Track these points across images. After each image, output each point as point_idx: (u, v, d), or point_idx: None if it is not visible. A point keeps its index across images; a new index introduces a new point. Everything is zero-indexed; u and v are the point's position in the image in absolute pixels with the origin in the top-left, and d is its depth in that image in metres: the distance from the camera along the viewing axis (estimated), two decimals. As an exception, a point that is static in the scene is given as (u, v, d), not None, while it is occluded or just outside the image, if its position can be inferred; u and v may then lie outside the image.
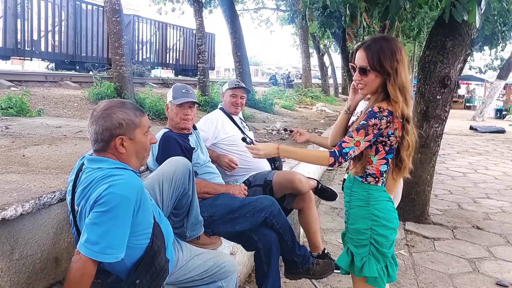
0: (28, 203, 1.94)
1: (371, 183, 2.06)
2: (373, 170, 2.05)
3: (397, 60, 1.97)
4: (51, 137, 3.78)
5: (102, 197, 1.59)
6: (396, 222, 2.11)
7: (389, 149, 2.03)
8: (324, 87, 25.02)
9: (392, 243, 2.11)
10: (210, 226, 2.62)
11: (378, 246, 2.04)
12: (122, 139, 1.77)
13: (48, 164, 2.70)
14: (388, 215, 2.06)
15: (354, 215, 2.11)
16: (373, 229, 2.04)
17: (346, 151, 1.91)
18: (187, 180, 2.25)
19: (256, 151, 2.11)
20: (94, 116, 1.76)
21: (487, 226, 5.01)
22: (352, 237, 2.12)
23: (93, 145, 1.79)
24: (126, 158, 1.81)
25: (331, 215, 5.11)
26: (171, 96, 2.88)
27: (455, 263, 3.95)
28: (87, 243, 1.58)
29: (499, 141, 13.68)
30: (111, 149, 1.78)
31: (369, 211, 2.05)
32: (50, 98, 8.56)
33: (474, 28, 4.78)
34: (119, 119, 1.76)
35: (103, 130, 1.74)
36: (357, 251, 2.09)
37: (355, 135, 1.93)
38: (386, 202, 2.08)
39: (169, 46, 22.22)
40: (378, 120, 1.92)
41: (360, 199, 2.09)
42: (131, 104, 1.86)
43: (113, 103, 1.81)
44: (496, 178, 7.89)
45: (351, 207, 2.14)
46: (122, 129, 1.76)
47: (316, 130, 9.70)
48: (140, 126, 1.83)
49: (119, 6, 9.13)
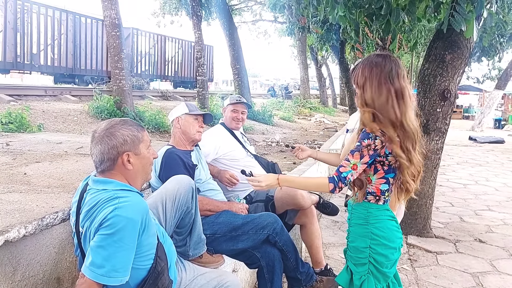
0: (31, 224, 1.93)
1: (371, 202, 2.05)
2: (373, 189, 2.03)
3: (364, 76, 1.95)
4: (52, 153, 3.77)
5: (107, 219, 1.58)
6: (398, 241, 2.08)
7: (388, 169, 2.01)
8: (323, 98, 25.10)
9: (393, 262, 2.08)
10: (212, 244, 2.61)
11: (378, 265, 2.02)
12: (129, 155, 1.78)
13: (50, 182, 2.69)
14: (389, 234, 2.04)
15: (354, 233, 2.11)
16: (372, 248, 2.03)
17: (345, 176, 1.91)
18: (190, 198, 2.24)
19: (257, 183, 2.13)
20: (97, 137, 1.76)
21: (490, 239, 4.98)
22: (352, 255, 2.11)
23: (99, 166, 1.78)
24: (133, 175, 1.81)
25: (332, 229, 5.08)
26: (185, 109, 2.91)
27: (458, 278, 3.92)
28: (92, 266, 1.57)
29: (498, 151, 13.67)
30: (118, 167, 1.78)
31: (368, 230, 2.04)
32: (50, 113, 8.57)
33: (473, 41, 4.81)
34: (123, 135, 1.77)
35: (109, 148, 1.74)
36: (356, 270, 2.08)
37: (351, 158, 1.92)
38: (387, 221, 2.06)
39: (168, 59, 22.36)
40: (371, 140, 1.90)
41: (359, 217, 2.08)
42: (130, 121, 1.89)
43: (114, 122, 1.83)
44: (497, 190, 7.87)
45: (351, 224, 2.14)
46: (127, 145, 1.78)
47: (315, 142, 9.71)
48: (143, 141, 1.84)
49: (119, 21, 9.20)
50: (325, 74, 29.55)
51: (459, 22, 3.95)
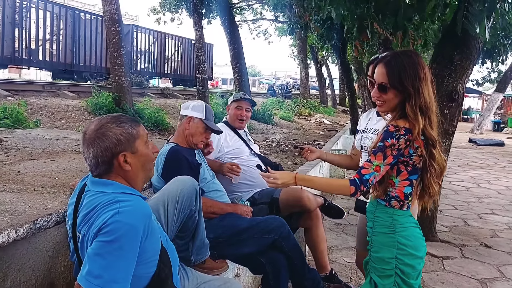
0: (22, 227, 1.80)
1: (395, 207, 1.91)
2: (397, 193, 1.90)
3: (419, 77, 1.82)
4: (48, 150, 3.64)
5: (107, 225, 1.44)
6: (424, 250, 1.95)
7: (412, 169, 1.87)
8: (322, 98, 24.99)
9: (419, 273, 1.94)
10: (215, 248, 2.47)
11: (405, 277, 1.88)
12: (125, 156, 1.62)
13: (45, 181, 2.55)
14: (416, 243, 1.90)
15: (378, 242, 1.95)
16: (398, 259, 1.88)
17: (367, 178, 1.79)
18: (193, 201, 2.11)
19: (273, 179, 1.97)
20: (88, 139, 1.60)
21: (495, 244, 4.87)
22: (376, 266, 1.96)
23: (94, 170, 1.63)
24: (133, 175, 1.66)
25: (335, 231, 4.96)
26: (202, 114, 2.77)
27: (466, 284, 3.81)
28: (88, 276, 1.42)
29: (499, 154, 13.61)
30: (115, 169, 1.63)
31: (394, 239, 1.89)
32: (47, 109, 8.43)
33: (482, 41, 4.70)
34: (116, 135, 1.61)
35: (102, 151, 1.59)
36: (381, 282, 1.93)
37: (373, 159, 1.80)
38: (413, 228, 1.92)
39: (168, 56, 22.21)
40: (395, 140, 1.78)
41: (384, 225, 1.93)
42: (123, 116, 1.71)
43: (104, 120, 1.65)
44: (499, 193, 7.78)
45: (374, 233, 1.98)
46: (122, 145, 1.61)
47: (316, 142, 9.60)
48: (139, 137, 1.67)
49: (119, 16, 9.06)
50: (325, 74, 29.45)
51: (473, 24, 3.84)
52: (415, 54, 1.92)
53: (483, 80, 26.72)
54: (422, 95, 1.82)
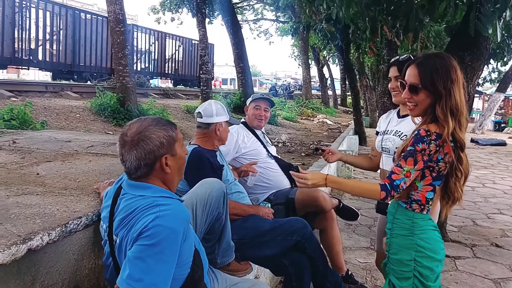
0: (55, 231, 1.79)
1: (415, 211, 1.91)
2: (419, 196, 1.89)
3: (451, 79, 1.81)
4: (62, 152, 3.62)
5: (148, 229, 1.44)
6: (443, 253, 1.94)
7: (437, 175, 1.86)
8: (324, 98, 25.01)
9: (438, 276, 1.94)
10: (239, 250, 2.46)
11: (423, 279, 1.88)
12: (166, 158, 1.63)
13: (66, 184, 2.54)
14: (434, 246, 1.90)
15: (397, 244, 1.95)
16: (417, 261, 1.88)
17: (397, 184, 1.78)
18: (221, 203, 2.11)
19: (304, 180, 1.96)
20: (130, 142, 1.60)
21: (506, 244, 4.88)
22: (395, 268, 1.96)
23: (133, 172, 1.62)
24: (171, 178, 1.67)
25: (347, 232, 4.96)
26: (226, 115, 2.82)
27: (480, 284, 3.81)
28: (129, 280, 1.42)
29: (501, 154, 13.63)
30: (155, 172, 1.63)
31: (413, 241, 1.89)
32: (52, 109, 8.40)
33: (493, 41, 4.70)
34: (159, 137, 1.61)
35: (146, 153, 1.59)
36: (400, 284, 1.93)
37: (403, 164, 1.78)
38: (432, 231, 1.92)
39: (168, 56, 22.15)
40: (426, 144, 1.77)
41: (403, 227, 1.93)
42: (162, 119, 1.73)
43: (146, 122, 1.65)
44: (505, 193, 7.79)
45: (393, 235, 1.98)
46: (164, 147, 1.62)
47: (321, 143, 9.58)
48: (177, 140, 1.69)
49: (123, 16, 9.03)
50: (327, 75, 29.46)
51: (485, 25, 3.84)
52: (447, 56, 1.90)
53: (484, 80, 26.74)
54: (454, 97, 1.81)
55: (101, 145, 4.16)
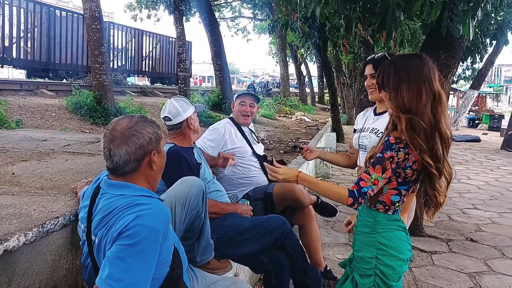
0: (31, 231, 1.76)
1: (379, 210, 1.91)
2: (383, 198, 1.89)
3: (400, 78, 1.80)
4: (38, 151, 3.55)
5: (128, 228, 1.43)
6: (408, 253, 1.93)
7: (403, 181, 1.85)
8: (302, 96, 25.13)
9: (400, 276, 1.94)
10: (218, 248, 2.46)
11: (384, 277, 1.88)
12: (154, 154, 1.65)
13: (42, 183, 2.49)
14: (398, 245, 1.89)
15: (360, 241, 1.97)
16: (379, 259, 1.88)
17: (365, 191, 1.78)
18: (200, 202, 2.10)
19: (275, 174, 1.99)
20: (121, 136, 1.59)
21: (481, 238, 5.00)
22: (357, 265, 1.97)
23: (121, 168, 1.60)
24: (155, 175, 1.69)
25: (325, 228, 5.01)
26: (192, 107, 2.79)
27: (455, 278, 3.89)
28: (109, 280, 1.40)
29: (476, 150, 13.94)
30: (142, 168, 1.63)
31: (375, 239, 1.90)
32: (27, 108, 8.24)
33: (467, 40, 4.80)
34: (149, 133, 1.63)
35: (136, 148, 1.59)
36: (361, 281, 1.93)
37: (372, 171, 1.78)
38: (397, 231, 1.91)
39: (145, 54, 21.92)
40: (395, 152, 1.76)
41: (366, 225, 1.95)
42: (147, 117, 1.74)
43: (135, 118, 1.67)
44: (479, 188, 7.98)
45: (356, 232, 2.01)
46: (152, 144, 1.64)
47: (299, 140, 9.64)
48: (162, 138, 1.72)
49: (99, 13, 8.90)
50: (304, 72, 29.59)
51: (457, 25, 3.92)
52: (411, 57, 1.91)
53: (458, 78, 27.28)
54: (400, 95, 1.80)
55: (78, 143, 4.10)
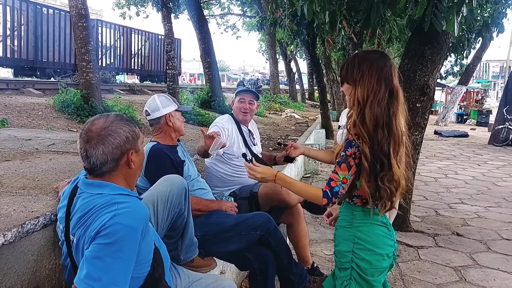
0: (10, 232, 1.74)
1: (357, 204, 1.94)
2: (360, 193, 1.91)
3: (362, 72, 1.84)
4: (21, 151, 3.52)
5: (106, 227, 1.42)
6: (388, 248, 1.94)
7: None
8: (292, 93, 25.15)
9: (381, 270, 1.94)
10: (202, 246, 2.45)
11: (360, 271, 1.90)
12: (132, 153, 1.63)
13: (25, 183, 2.47)
14: (375, 239, 1.91)
15: (338, 236, 2.00)
16: (355, 252, 1.90)
17: (337, 190, 1.81)
18: (183, 200, 2.10)
19: (253, 172, 2.01)
20: (97, 137, 1.57)
21: (467, 233, 5.05)
22: (336, 259, 2.01)
23: (98, 168, 1.59)
24: (133, 174, 1.68)
25: (313, 224, 5.02)
26: (174, 104, 2.75)
27: (441, 272, 3.93)
28: (87, 279, 1.40)
29: (463, 145, 14.05)
30: (120, 168, 1.61)
31: (351, 233, 1.93)
32: (13, 107, 8.15)
33: (452, 36, 4.83)
34: (125, 132, 1.62)
35: (113, 148, 1.57)
36: (339, 274, 1.97)
37: (339, 171, 1.81)
38: (375, 226, 1.93)
39: (134, 52, 21.78)
40: (355, 148, 1.80)
41: (344, 219, 1.98)
42: (123, 116, 1.72)
43: (111, 117, 1.65)
44: (466, 183, 8.05)
45: (336, 227, 2.05)
46: (129, 143, 1.62)
47: (289, 137, 9.66)
48: (139, 136, 1.70)
49: (86, 11, 8.81)
50: (294, 69, 29.60)
51: (440, 21, 3.94)
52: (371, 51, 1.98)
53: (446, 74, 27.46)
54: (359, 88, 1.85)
55: (63, 143, 4.07)
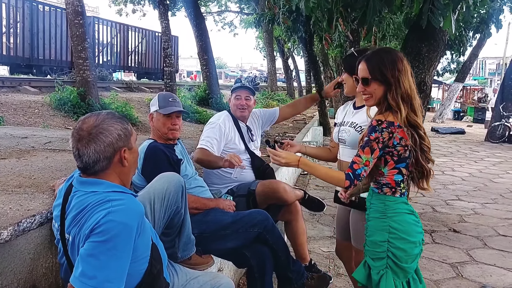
0: (7, 230, 1.73)
1: (387, 194, 2.03)
2: (387, 180, 2.03)
3: (398, 69, 1.97)
4: (18, 149, 3.51)
5: (100, 225, 1.41)
6: (419, 236, 2.05)
7: (398, 159, 1.99)
8: (289, 90, 25.15)
9: (414, 257, 2.04)
10: (200, 243, 2.45)
11: (396, 260, 1.99)
12: (124, 151, 1.62)
13: (21, 181, 2.46)
14: (408, 228, 2.00)
15: (372, 226, 2.08)
16: (390, 242, 1.99)
17: (359, 173, 1.92)
18: (180, 197, 2.09)
19: (278, 158, 2.07)
20: (88, 135, 1.56)
21: (464, 229, 5.06)
22: (369, 249, 2.08)
23: (91, 167, 1.58)
24: (127, 172, 1.67)
25: (311, 221, 5.03)
26: (156, 105, 2.70)
27: (438, 269, 3.95)
28: (82, 277, 1.39)
29: (460, 142, 14.09)
30: (113, 166, 1.61)
31: (386, 223, 2.01)
32: (9, 105, 8.13)
33: (449, 33, 4.83)
34: (117, 130, 1.61)
35: (105, 146, 1.56)
36: (374, 264, 2.04)
37: (362, 154, 1.93)
38: (406, 214, 2.03)
39: (131, 49, 21.72)
40: (379, 133, 1.92)
41: (377, 210, 2.06)
42: (115, 113, 1.72)
43: (102, 116, 1.63)
44: (463, 180, 8.07)
45: (369, 219, 2.11)
46: (122, 140, 1.61)
47: (286, 134, 9.65)
48: (132, 133, 1.69)
49: (82, 8, 8.79)
50: (292, 67, 29.57)
51: (437, 18, 3.94)
52: (393, 50, 2.09)
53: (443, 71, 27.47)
54: (402, 84, 1.97)
55: (59, 140, 4.06)
